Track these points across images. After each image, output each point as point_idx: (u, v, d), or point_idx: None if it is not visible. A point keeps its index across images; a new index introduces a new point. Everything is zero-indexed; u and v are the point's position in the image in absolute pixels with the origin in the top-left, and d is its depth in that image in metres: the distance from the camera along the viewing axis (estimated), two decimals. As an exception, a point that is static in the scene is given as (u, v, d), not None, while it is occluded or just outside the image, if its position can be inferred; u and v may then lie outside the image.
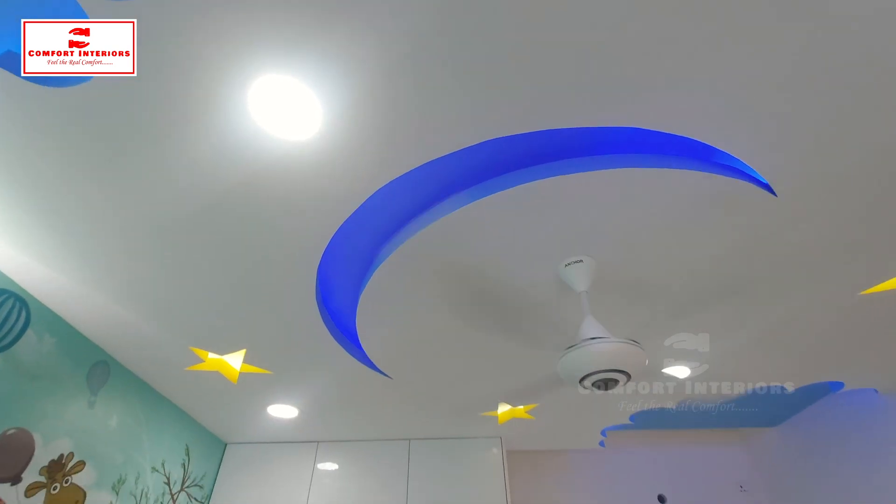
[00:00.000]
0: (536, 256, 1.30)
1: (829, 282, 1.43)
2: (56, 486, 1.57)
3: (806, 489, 2.72)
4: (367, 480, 2.52)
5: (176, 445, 2.22)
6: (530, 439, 2.76)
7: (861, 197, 1.13)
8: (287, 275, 1.39)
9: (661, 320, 1.56)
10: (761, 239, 1.24)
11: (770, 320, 1.59)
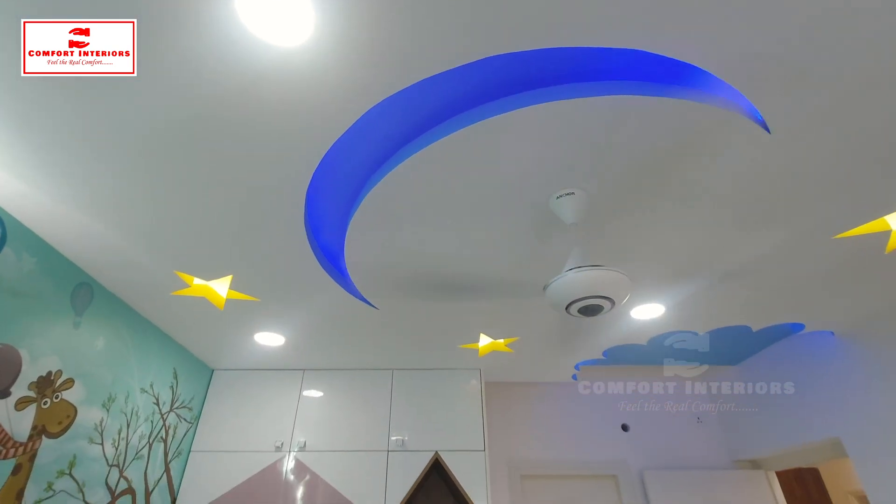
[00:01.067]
0: (528, 187, 1.30)
1: (805, 223, 1.47)
2: (46, 401, 1.60)
3: (757, 423, 2.97)
4: (352, 408, 2.64)
5: (163, 368, 2.27)
6: (508, 372, 2.91)
7: (844, 134, 1.15)
8: (274, 198, 1.36)
9: (640, 254, 1.60)
10: (743, 176, 1.26)
11: (742, 259, 1.66)
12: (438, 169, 1.24)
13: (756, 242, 1.54)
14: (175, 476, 2.35)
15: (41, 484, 1.58)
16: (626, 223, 1.43)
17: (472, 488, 2.40)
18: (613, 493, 3.10)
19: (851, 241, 1.58)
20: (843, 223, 1.48)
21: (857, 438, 2.28)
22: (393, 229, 1.49)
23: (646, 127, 1.12)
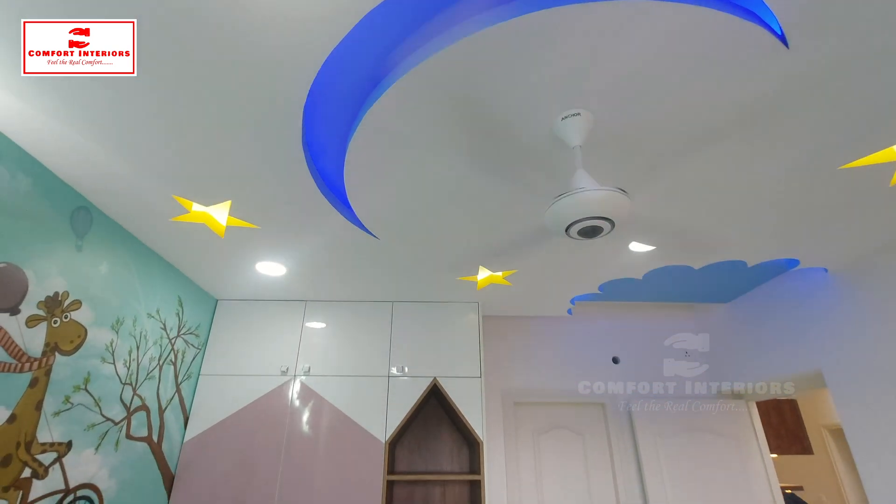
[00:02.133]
0: (532, 108, 1.26)
1: (813, 150, 1.45)
2: (56, 320, 1.65)
3: (741, 357, 3.09)
4: (353, 337, 2.72)
5: (168, 296, 2.31)
6: (505, 306, 2.98)
7: (861, 50, 1.10)
8: (270, 114, 1.32)
9: (639, 177, 1.58)
10: (752, 92, 1.21)
11: (743, 187, 1.64)
12: (436, 89, 1.20)
13: (759, 167, 1.52)
14: (186, 396, 2.47)
15: (59, 397, 1.66)
16: (631, 145, 1.40)
17: (468, 412, 2.54)
18: (601, 419, 3.28)
19: (855, 173, 1.56)
20: (849, 152, 1.46)
21: (837, 371, 2.39)
22: (391, 153, 1.47)
23: (655, 37, 1.06)
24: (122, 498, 1.97)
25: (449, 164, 1.50)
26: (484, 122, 1.30)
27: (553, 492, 3.06)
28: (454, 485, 2.90)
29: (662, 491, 2.94)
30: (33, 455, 1.56)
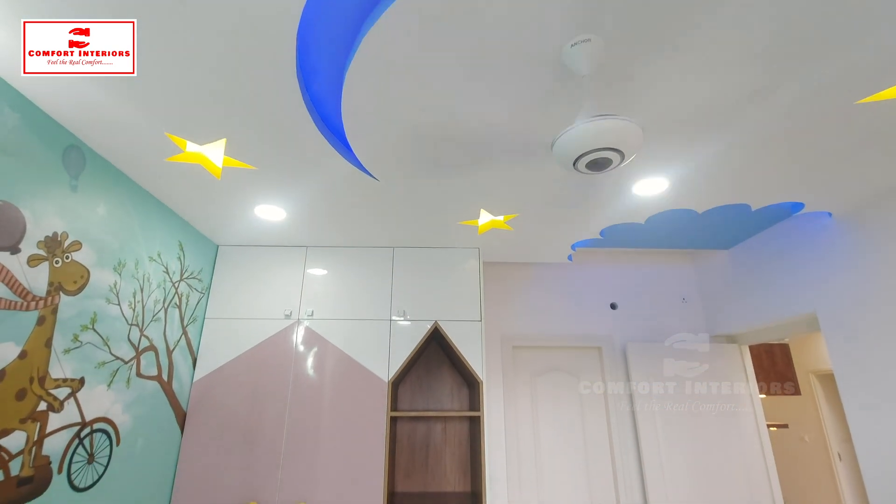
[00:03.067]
0: (542, 31, 1.19)
1: (829, 81, 1.39)
2: (58, 260, 1.65)
3: (738, 303, 3.13)
4: (355, 282, 2.75)
5: (169, 240, 2.31)
6: (505, 252, 2.98)
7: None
8: (262, 44, 1.25)
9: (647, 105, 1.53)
10: (766, 13, 1.14)
11: (752, 121, 1.59)
12: (440, 9, 1.12)
13: (771, 99, 1.46)
14: (193, 339, 2.52)
15: (67, 335, 1.69)
16: (640, 73, 1.34)
17: (468, 353, 2.61)
18: (597, 361, 3.38)
19: (871, 109, 1.51)
20: (867, 86, 1.39)
21: (832, 315, 2.43)
22: (389, 83, 1.40)
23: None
24: (137, 432, 2.06)
25: (450, 94, 1.44)
26: (488, 48, 1.23)
27: (548, 428, 3.20)
28: (454, 421, 3.03)
29: (653, 428, 3.07)
30: (47, 390, 1.61)
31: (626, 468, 3.09)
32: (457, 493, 2.84)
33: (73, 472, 1.71)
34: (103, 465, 1.87)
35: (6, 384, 1.45)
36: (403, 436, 2.99)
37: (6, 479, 1.45)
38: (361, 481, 2.36)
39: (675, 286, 3.55)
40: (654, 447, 3.03)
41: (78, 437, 1.74)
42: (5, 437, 1.45)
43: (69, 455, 1.70)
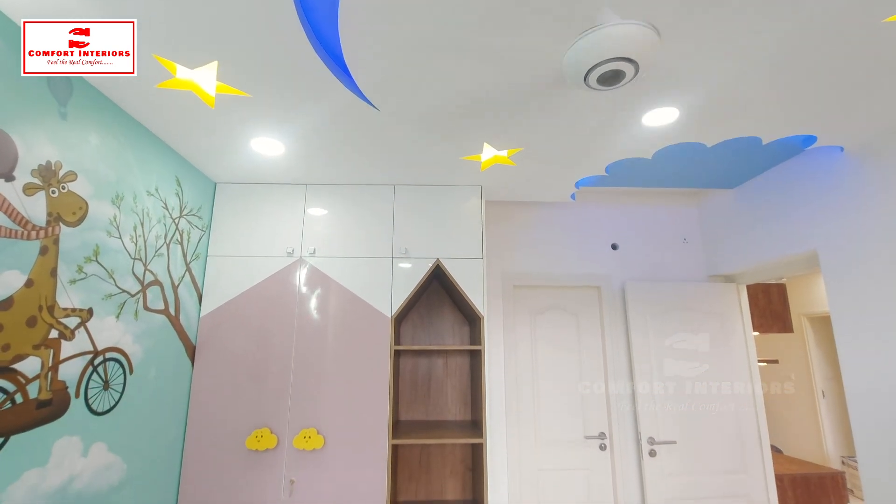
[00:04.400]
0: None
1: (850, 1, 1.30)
2: (54, 190, 1.62)
3: (739, 242, 3.13)
4: (356, 221, 2.73)
5: (166, 175, 2.26)
6: (508, 190, 2.94)
7: None
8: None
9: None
10: None
11: (767, 38, 1.51)
12: None
13: (787, 20, 1.38)
14: (197, 275, 2.54)
15: (72, 266, 1.69)
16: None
17: (470, 290, 2.64)
18: (596, 300, 3.44)
19: (892, 35, 1.42)
20: (891, 4, 1.31)
21: (832, 252, 2.43)
22: (390, 8, 1.31)
23: None
24: (148, 362, 2.12)
25: (453, 9, 1.35)
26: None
27: (546, 363, 3.31)
28: (455, 356, 3.12)
29: (648, 362, 3.18)
30: (57, 318, 1.63)
31: (619, 401, 3.23)
32: (458, 421, 2.98)
33: (90, 398, 1.78)
34: (119, 391, 1.94)
35: (16, 311, 1.47)
36: (406, 370, 3.09)
37: (25, 402, 1.51)
38: (368, 410, 2.47)
39: (677, 227, 3.54)
40: (647, 381, 3.14)
41: (92, 364, 1.79)
42: (20, 362, 1.49)
43: (85, 381, 1.75)
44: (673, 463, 3.04)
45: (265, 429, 2.42)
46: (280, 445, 2.41)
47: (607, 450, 3.19)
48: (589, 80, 1.10)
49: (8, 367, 1.45)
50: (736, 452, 3.09)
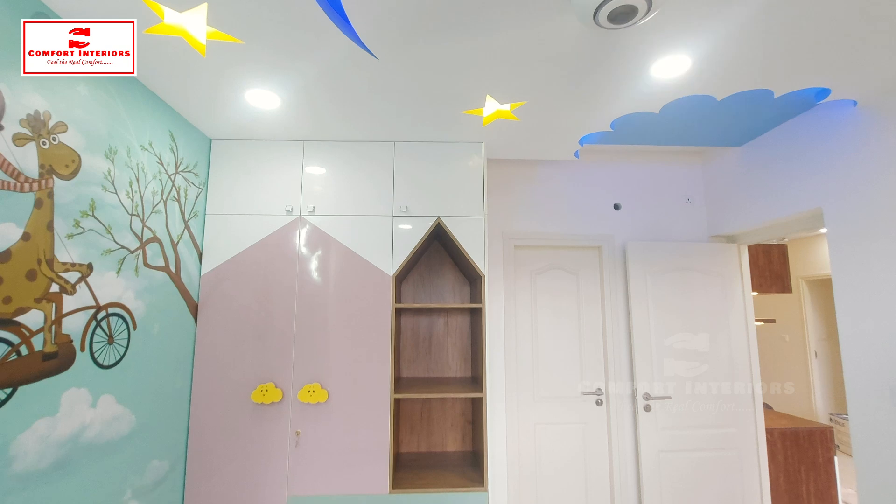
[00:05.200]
0: None
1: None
2: (45, 141, 1.57)
3: (744, 202, 3.09)
4: (355, 178, 2.68)
5: (159, 130, 2.20)
6: (510, 147, 2.88)
7: None
8: None
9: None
10: None
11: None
12: None
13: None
14: (196, 233, 2.52)
15: (68, 220, 1.67)
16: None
17: (471, 249, 2.63)
18: (596, 260, 3.44)
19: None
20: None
21: (838, 210, 2.40)
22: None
23: None
24: (151, 318, 2.14)
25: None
26: None
27: (546, 323, 3.35)
28: (456, 315, 3.15)
29: (646, 320, 3.21)
30: (57, 273, 1.63)
31: (617, 359, 3.28)
32: (458, 378, 3.04)
33: (95, 351, 1.80)
34: (123, 346, 1.96)
35: (14, 264, 1.46)
36: (407, 329, 3.13)
37: (31, 354, 1.52)
38: (370, 366, 2.51)
39: (681, 187, 3.49)
40: (645, 339, 3.19)
41: (95, 319, 1.80)
42: (23, 314, 1.49)
43: (89, 335, 1.77)
44: (667, 417, 3.12)
45: (270, 383, 2.46)
46: (285, 399, 2.46)
47: (603, 405, 3.28)
48: (599, 17, 1.05)
49: (11, 320, 1.46)
50: (729, 407, 3.17)
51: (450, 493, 2.43)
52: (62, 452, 1.63)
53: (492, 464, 3.06)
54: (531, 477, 3.18)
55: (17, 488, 1.47)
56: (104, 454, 1.84)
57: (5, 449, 1.43)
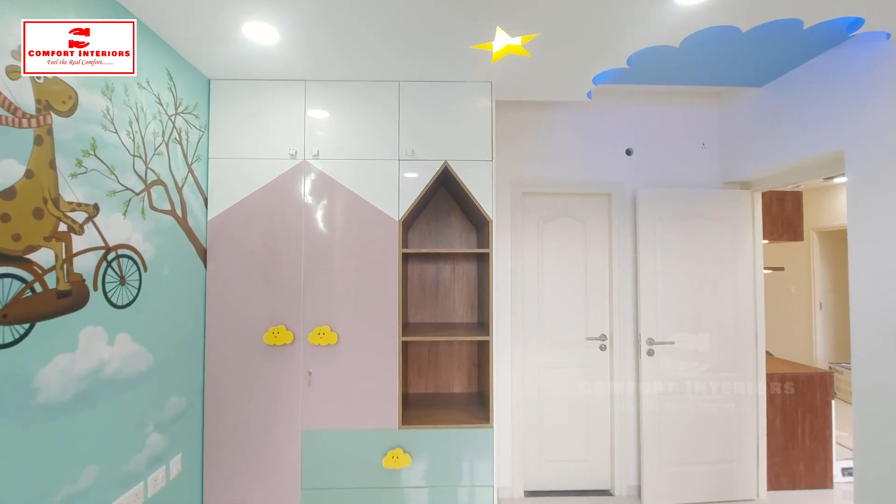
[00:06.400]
0: None
1: None
2: (39, 75, 1.51)
3: (761, 146, 2.99)
4: (360, 120, 2.60)
5: (155, 67, 2.12)
6: (520, 87, 2.76)
7: None
8: None
9: None
10: None
11: None
12: None
13: None
14: (200, 178, 2.49)
15: (70, 159, 1.64)
16: None
17: (479, 193, 2.59)
18: (605, 208, 3.39)
19: None
20: None
21: (860, 153, 2.30)
22: None
23: None
24: (161, 261, 2.15)
25: None
26: None
27: (552, 270, 3.35)
28: (463, 262, 3.16)
29: (653, 268, 3.20)
30: (64, 212, 1.62)
31: (622, 306, 3.31)
32: (464, 323, 3.09)
33: (108, 291, 1.83)
34: (136, 287, 1.98)
35: (20, 202, 1.45)
36: (414, 275, 3.15)
37: (45, 291, 1.54)
38: (378, 310, 2.54)
39: (696, 131, 3.38)
40: (651, 287, 3.19)
41: (105, 260, 1.81)
42: (33, 252, 1.50)
43: (101, 275, 1.79)
44: (669, 361, 3.18)
45: (281, 326, 2.52)
46: (296, 341, 2.52)
47: (607, 350, 3.34)
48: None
49: (22, 257, 1.46)
50: (730, 352, 3.22)
51: (457, 429, 2.53)
52: (84, 386, 1.70)
53: (497, 404, 3.17)
54: (535, 416, 3.30)
55: (44, 417, 1.53)
56: (124, 389, 1.91)
57: (29, 381, 1.48)
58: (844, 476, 3.41)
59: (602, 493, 3.31)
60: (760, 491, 3.23)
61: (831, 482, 3.36)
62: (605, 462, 3.34)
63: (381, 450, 2.52)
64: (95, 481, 1.75)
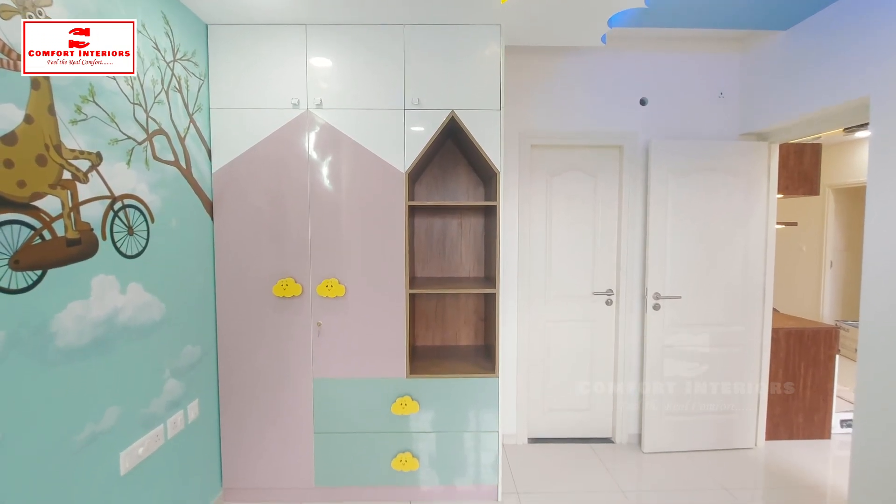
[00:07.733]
0: None
1: None
2: (31, 15, 1.45)
3: (782, 95, 2.86)
4: (363, 69, 2.50)
5: (150, 10, 2.04)
6: (530, 30, 2.63)
7: None
8: None
9: None
10: None
11: None
12: None
13: None
14: (203, 128, 2.45)
15: (69, 105, 1.61)
16: None
17: (486, 144, 2.52)
18: (616, 160, 3.31)
19: None
20: None
21: (887, 100, 2.20)
22: None
23: None
24: (168, 212, 2.15)
25: None
26: None
27: (561, 224, 3.32)
28: (470, 216, 3.13)
29: (663, 221, 3.16)
30: (67, 159, 1.60)
31: (630, 261, 3.29)
32: (471, 277, 3.10)
33: (117, 241, 1.84)
34: (144, 238, 1.99)
35: (22, 148, 1.43)
36: (421, 230, 3.14)
37: (54, 238, 1.55)
38: (386, 262, 2.55)
39: (715, 79, 3.23)
40: (660, 240, 3.16)
41: (112, 209, 1.81)
42: (39, 199, 1.50)
43: (109, 224, 1.79)
44: (675, 315, 3.20)
45: (289, 278, 2.54)
46: (305, 293, 2.55)
47: (613, 304, 3.36)
48: None
49: (28, 204, 1.46)
50: (737, 308, 3.22)
51: (464, 378, 2.59)
52: (99, 332, 1.74)
53: (503, 356, 3.23)
54: (540, 367, 3.37)
55: (63, 361, 1.58)
56: (139, 336, 1.96)
57: (45, 325, 1.51)
58: (843, 427, 3.48)
59: (604, 440, 3.43)
60: (759, 440, 3.32)
61: (829, 433, 3.44)
62: (608, 411, 3.43)
63: (389, 397, 2.60)
64: (117, 421, 1.83)
